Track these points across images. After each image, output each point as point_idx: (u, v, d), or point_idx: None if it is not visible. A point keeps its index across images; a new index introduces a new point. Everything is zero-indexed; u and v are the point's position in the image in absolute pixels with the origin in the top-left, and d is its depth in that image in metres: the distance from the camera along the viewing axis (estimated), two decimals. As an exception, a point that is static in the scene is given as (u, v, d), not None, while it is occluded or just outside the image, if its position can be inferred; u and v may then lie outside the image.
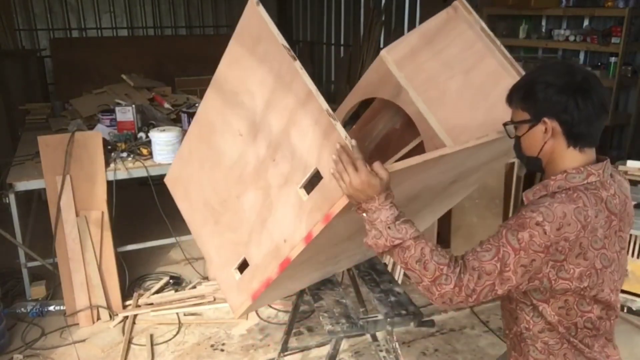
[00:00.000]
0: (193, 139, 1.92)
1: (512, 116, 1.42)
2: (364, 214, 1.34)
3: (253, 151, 1.63)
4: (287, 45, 1.46)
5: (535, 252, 1.25)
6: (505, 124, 1.43)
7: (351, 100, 2.06)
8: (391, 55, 1.89)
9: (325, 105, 1.38)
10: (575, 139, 1.33)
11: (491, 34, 1.94)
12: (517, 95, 1.38)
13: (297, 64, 1.44)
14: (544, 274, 1.29)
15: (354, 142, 1.31)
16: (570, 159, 1.34)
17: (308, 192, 1.48)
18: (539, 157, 1.39)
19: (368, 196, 1.30)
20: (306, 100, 1.42)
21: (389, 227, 1.30)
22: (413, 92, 1.86)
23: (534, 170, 1.51)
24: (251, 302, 1.79)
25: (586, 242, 1.28)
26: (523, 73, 1.73)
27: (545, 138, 1.34)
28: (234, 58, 1.66)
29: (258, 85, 1.57)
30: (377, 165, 1.30)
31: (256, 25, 1.53)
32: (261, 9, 1.52)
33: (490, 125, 1.75)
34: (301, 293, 2.56)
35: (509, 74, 1.86)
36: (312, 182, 1.47)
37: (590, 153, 1.36)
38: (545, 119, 1.32)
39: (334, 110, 1.45)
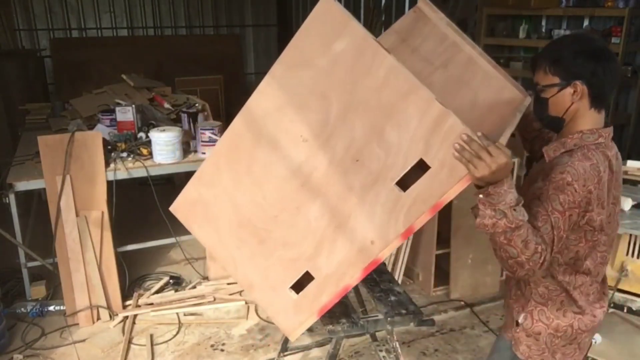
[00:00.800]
0: (222, 156, 1.70)
1: (537, 80, 1.58)
2: (486, 197, 1.38)
3: (323, 156, 1.53)
4: (377, 39, 1.42)
5: (572, 208, 1.46)
6: (536, 86, 1.58)
7: None
8: None
9: (432, 94, 1.38)
10: (598, 100, 1.53)
11: (457, 28, 2.02)
12: (547, 61, 1.54)
13: (392, 57, 1.41)
14: (577, 223, 1.51)
15: (479, 132, 1.35)
16: (590, 119, 1.54)
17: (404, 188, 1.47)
18: (563, 118, 1.56)
19: (497, 179, 1.35)
20: (408, 92, 1.40)
21: (514, 210, 1.37)
22: None
23: (552, 129, 1.66)
24: (316, 319, 1.70)
25: (601, 194, 1.49)
26: (493, 61, 1.98)
27: (574, 99, 1.52)
28: (298, 59, 1.51)
29: (335, 85, 1.47)
30: (503, 148, 1.34)
31: (332, 21, 1.45)
32: (337, 4, 1.44)
33: (479, 110, 1.91)
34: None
35: (482, 63, 2.00)
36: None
37: (603, 115, 1.57)
38: (577, 82, 1.49)
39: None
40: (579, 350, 1.66)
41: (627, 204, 2.55)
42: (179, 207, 1.83)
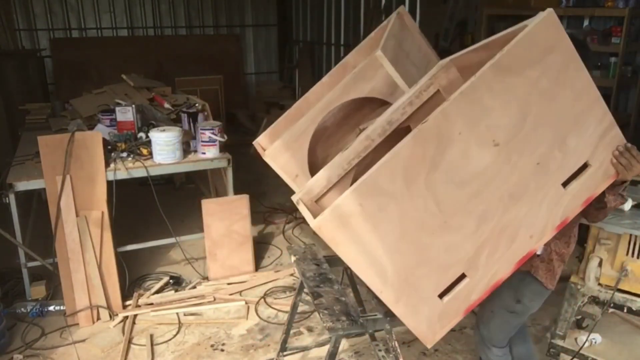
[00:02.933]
0: (400, 162, 1.56)
1: None
2: (618, 189, 1.80)
3: (509, 160, 1.60)
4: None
5: None
6: None
7: (342, 97, 2.08)
8: (386, 56, 1.92)
9: (606, 106, 1.64)
10: None
11: (423, 37, 2.20)
12: None
13: (587, 72, 1.60)
14: None
15: (629, 144, 1.69)
16: None
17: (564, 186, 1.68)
18: None
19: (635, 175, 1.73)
20: (593, 103, 1.62)
21: (626, 190, 1.86)
22: (408, 89, 1.93)
23: None
24: (461, 318, 1.75)
25: None
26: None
27: None
28: (512, 66, 1.53)
29: (537, 94, 1.57)
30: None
31: (552, 34, 1.55)
32: (556, 17, 1.54)
33: None
34: (299, 292, 2.56)
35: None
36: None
37: None
38: None
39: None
40: (562, 265, 2.10)
41: (627, 204, 2.54)
42: (326, 225, 1.59)
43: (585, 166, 1.67)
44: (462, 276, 1.68)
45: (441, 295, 1.69)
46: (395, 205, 1.58)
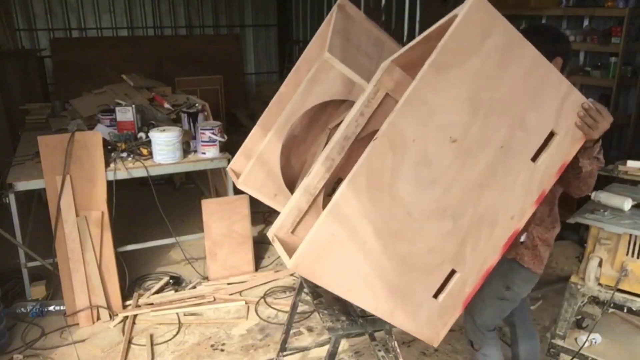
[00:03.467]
0: (362, 182, 1.52)
1: None
2: (591, 151, 1.77)
3: (470, 153, 1.56)
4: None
5: None
6: None
7: (303, 106, 2.05)
8: (335, 55, 1.91)
9: (562, 75, 1.63)
10: (565, 68, 1.95)
11: (370, 20, 2.17)
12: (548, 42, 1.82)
13: (533, 47, 1.56)
14: None
15: (590, 99, 1.68)
16: None
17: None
18: None
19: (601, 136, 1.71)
20: (546, 75, 1.60)
21: (600, 154, 1.83)
22: (365, 84, 1.91)
23: None
24: (461, 311, 1.73)
25: None
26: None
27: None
28: (450, 61, 1.49)
29: (484, 81, 1.53)
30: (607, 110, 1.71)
31: (486, 20, 1.50)
32: (487, 2, 1.49)
33: None
34: (299, 292, 2.56)
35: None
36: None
37: None
38: (558, 58, 1.91)
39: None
40: (548, 249, 2.16)
41: (627, 204, 2.54)
42: (302, 262, 1.52)
43: (551, 135, 1.64)
44: (452, 272, 1.67)
45: (436, 295, 1.68)
46: (367, 225, 1.54)
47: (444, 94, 1.49)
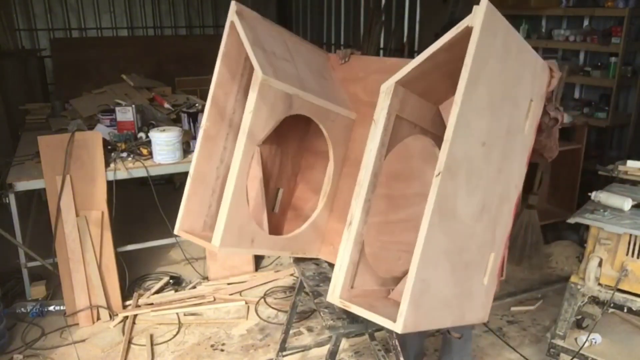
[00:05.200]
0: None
1: None
2: (553, 97, 1.99)
3: (495, 146, 1.67)
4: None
5: None
6: None
7: (250, 151, 1.90)
8: (267, 75, 1.84)
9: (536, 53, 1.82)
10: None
11: (270, 22, 2.17)
12: None
13: (518, 33, 1.69)
14: None
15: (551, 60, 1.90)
16: None
17: None
18: None
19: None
20: (525, 56, 1.74)
21: (558, 101, 2.04)
22: (303, 93, 1.97)
23: None
24: (500, 280, 1.92)
25: None
26: (309, 43, 2.32)
27: None
28: (475, 75, 1.52)
29: (495, 81, 1.60)
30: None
31: (493, 25, 1.56)
32: (492, 8, 1.55)
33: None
34: (299, 292, 2.56)
35: (321, 51, 2.38)
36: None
37: None
38: None
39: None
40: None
41: (627, 204, 2.54)
42: (408, 318, 1.50)
43: (529, 102, 1.80)
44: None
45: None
46: (442, 255, 1.57)
47: (475, 105, 1.54)
